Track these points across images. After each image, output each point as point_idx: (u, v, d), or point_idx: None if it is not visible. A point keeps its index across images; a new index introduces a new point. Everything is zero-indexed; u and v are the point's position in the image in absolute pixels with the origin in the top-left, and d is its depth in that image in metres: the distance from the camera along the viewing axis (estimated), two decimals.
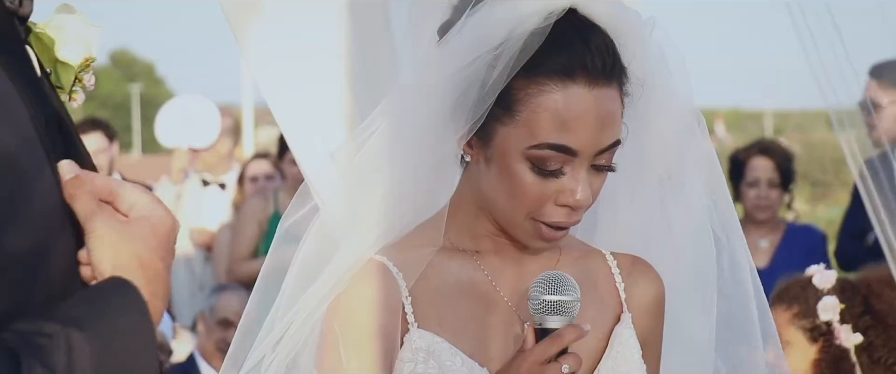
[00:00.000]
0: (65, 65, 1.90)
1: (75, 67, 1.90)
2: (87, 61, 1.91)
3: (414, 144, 2.38)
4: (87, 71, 1.92)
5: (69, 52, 1.89)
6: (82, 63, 1.91)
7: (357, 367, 2.30)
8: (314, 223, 2.49)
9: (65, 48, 1.89)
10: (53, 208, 1.75)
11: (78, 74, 1.91)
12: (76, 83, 1.92)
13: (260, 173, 8.16)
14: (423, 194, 2.41)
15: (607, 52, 2.30)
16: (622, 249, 2.51)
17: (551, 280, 2.28)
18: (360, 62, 2.68)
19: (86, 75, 1.93)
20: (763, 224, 6.90)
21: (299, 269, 2.46)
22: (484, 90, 2.28)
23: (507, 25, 2.28)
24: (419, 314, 2.34)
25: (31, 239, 1.71)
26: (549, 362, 2.26)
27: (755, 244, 6.81)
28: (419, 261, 2.37)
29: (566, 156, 2.28)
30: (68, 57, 1.89)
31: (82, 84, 1.93)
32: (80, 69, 1.91)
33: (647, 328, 2.47)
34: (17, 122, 1.73)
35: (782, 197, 6.97)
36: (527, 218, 2.32)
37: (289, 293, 2.45)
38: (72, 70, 1.90)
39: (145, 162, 37.85)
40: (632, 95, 2.36)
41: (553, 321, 2.28)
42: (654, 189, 2.52)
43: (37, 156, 1.75)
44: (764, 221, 6.90)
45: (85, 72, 1.92)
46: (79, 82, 1.92)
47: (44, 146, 1.76)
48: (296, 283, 2.45)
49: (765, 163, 6.94)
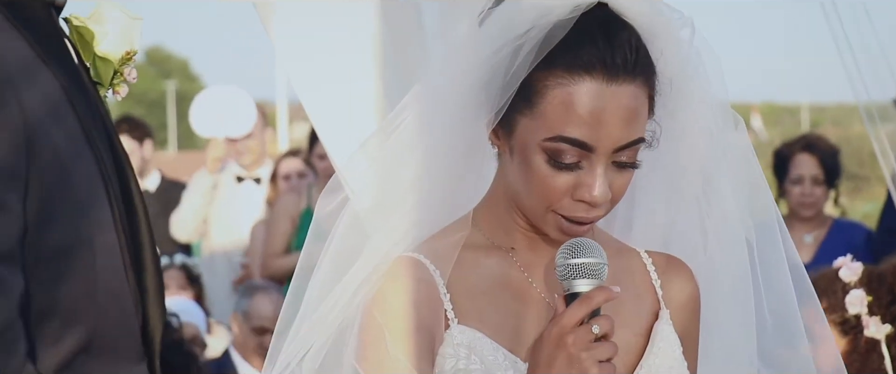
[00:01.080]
0: (104, 60, 1.89)
1: (115, 61, 1.90)
2: (127, 55, 1.91)
3: (443, 130, 2.38)
4: (128, 64, 1.92)
5: (109, 46, 1.89)
6: (123, 57, 1.90)
7: (405, 360, 2.29)
8: (344, 215, 2.48)
9: (105, 42, 1.89)
10: (98, 205, 1.77)
11: (118, 68, 1.91)
12: (117, 77, 1.92)
13: (292, 171, 8.18)
14: (452, 183, 2.41)
15: (630, 48, 2.28)
16: (658, 250, 2.50)
17: (574, 245, 2.27)
18: (392, 57, 2.68)
19: (126, 68, 1.92)
20: (809, 220, 6.89)
21: (330, 262, 2.46)
22: (506, 79, 2.28)
23: (534, 15, 2.27)
24: (458, 310, 2.34)
25: (73, 235, 1.72)
26: (580, 325, 2.24)
27: (800, 240, 6.81)
28: (450, 249, 2.37)
29: (582, 150, 2.27)
30: (108, 51, 1.89)
31: (123, 78, 1.92)
32: (120, 64, 1.91)
33: (684, 326, 2.46)
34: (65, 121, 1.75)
35: (827, 193, 6.93)
36: (548, 211, 2.32)
37: (319, 287, 2.45)
38: (111, 65, 1.90)
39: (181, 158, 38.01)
40: (663, 94, 2.35)
41: (581, 284, 2.26)
42: (691, 191, 2.51)
43: (84, 155, 1.77)
44: (809, 217, 6.87)
45: (126, 65, 1.92)
46: (119, 76, 1.92)
47: (90, 145, 1.77)
48: (326, 276, 2.44)
49: (809, 159, 6.90)
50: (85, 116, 1.78)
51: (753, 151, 2.58)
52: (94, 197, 1.75)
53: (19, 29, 1.73)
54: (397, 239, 2.39)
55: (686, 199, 2.51)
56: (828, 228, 6.91)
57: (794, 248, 2.61)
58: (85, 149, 1.75)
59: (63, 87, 1.76)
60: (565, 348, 2.22)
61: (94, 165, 1.77)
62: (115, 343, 1.80)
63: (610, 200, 2.31)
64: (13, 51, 1.70)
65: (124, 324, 1.81)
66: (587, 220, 2.32)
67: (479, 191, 2.45)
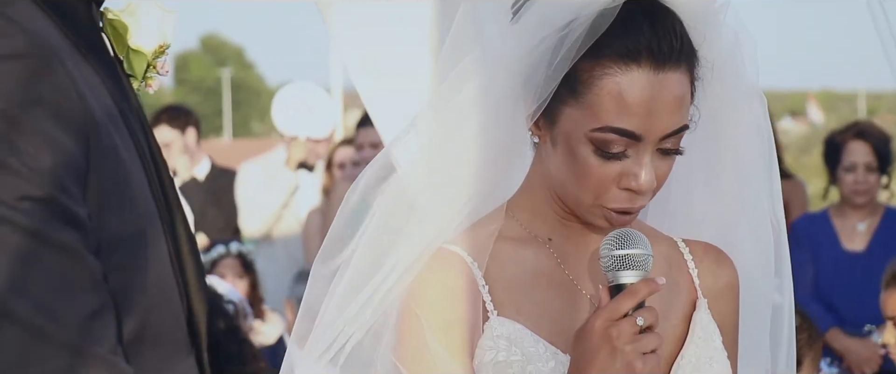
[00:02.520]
0: (137, 53, 1.90)
1: (148, 54, 1.90)
2: (161, 48, 1.91)
3: (486, 120, 2.36)
4: (161, 56, 1.92)
5: (143, 38, 1.89)
6: (156, 50, 1.90)
7: (444, 353, 2.29)
8: (386, 191, 2.42)
9: (138, 35, 1.89)
10: (144, 195, 1.79)
11: (151, 61, 1.92)
12: (150, 70, 1.93)
13: (347, 160, 8.19)
14: (492, 174, 2.40)
15: (675, 35, 2.27)
16: (696, 237, 2.49)
17: (620, 236, 2.26)
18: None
19: (159, 60, 1.93)
20: (861, 208, 6.87)
21: (372, 239, 2.41)
22: (550, 70, 2.27)
23: (575, 6, 2.25)
24: (497, 302, 2.33)
25: (128, 225, 1.75)
26: (624, 317, 2.23)
27: (853, 227, 6.84)
28: (486, 240, 2.35)
29: (630, 140, 2.26)
30: (142, 44, 1.89)
31: (155, 69, 1.93)
32: (154, 57, 1.92)
33: (723, 315, 2.45)
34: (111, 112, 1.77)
35: (880, 180, 6.91)
36: (594, 203, 2.30)
37: (365, 266, 2.40)
38: (144, 58, 1.90)
39: (235, 146, 38.20)
40: (703, 79, 2.34)
41: (626, 276, 2.25)
42: (725, 175, 2.50)
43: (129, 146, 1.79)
44: (862, 205, 6.86)
45: (159, 57, 1.93)
46: (152, 69, 1.92)
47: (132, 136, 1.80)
48: (370, 254, 2.40)
49: (862, 146, 6.88)
50: (124, 108, 1.80)
51: (773, 138, 2.56)
52: (140, 187, 1.77)
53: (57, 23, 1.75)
54: (435, 232, 2.36)
55: (721, 185, 2.50)
56: (881, 215, 6.89)
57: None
58: (129, 140, 1.78)
59: (102, 80, 1.78)
60: (610, 340, 2.21)
61: (137, 156, 1.79)
62: (166, 335, 1.81)
63: (654, 188, 2.31)
64: (68, 54, 1.72)
65: (174, 315, 1.83)
66: (633, 210, 2.31)
67: (516, 182, 2.44)
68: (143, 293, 1.76)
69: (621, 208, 2.30)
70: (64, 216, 1.64)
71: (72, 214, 1.65)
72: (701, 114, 2.35)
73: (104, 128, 1.71)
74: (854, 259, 6.77)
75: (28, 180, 1.62)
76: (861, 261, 6.74)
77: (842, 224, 6.87)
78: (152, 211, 1.79)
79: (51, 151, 1.64)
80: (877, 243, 6.75)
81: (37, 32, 1.69)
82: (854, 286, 6.62)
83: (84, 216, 1.66)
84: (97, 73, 1.77)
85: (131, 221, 1.74)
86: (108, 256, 1.70)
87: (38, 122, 1.64)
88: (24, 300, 1.62)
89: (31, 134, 1.64)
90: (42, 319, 1.62)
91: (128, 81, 1.88)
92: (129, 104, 1.82)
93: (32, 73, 1.66)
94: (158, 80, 1.93)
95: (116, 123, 1.76)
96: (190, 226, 1.90)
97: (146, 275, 1.76)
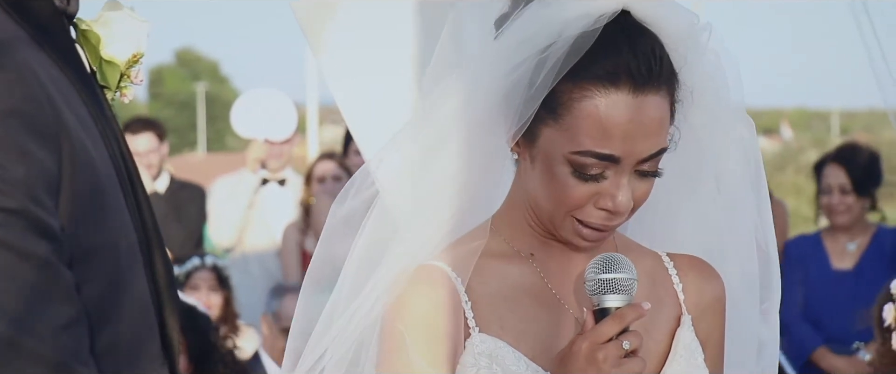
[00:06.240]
0: (110, 64, 1.89)
1: (122, 64, 1.89)
2: (135, 57, 1.89)
3: (468, 137, 2.35)
4: (135, 65, 1.91)
5: (116, 49, 1.88)
6: (129, 60, 1.89)
7: (427, 368, 2.27)
8: (374, 209, 2.43)
9: (112, 45, 1.88)
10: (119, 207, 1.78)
11: (125, 71, 1.90)
12: (123, 80, 1.91)
13: (327, 174, 8.19)
14: (474, 191, 2.39)
15: (655, 58, 2.26)
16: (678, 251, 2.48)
17: (606, 260, 2.26)
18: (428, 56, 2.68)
19: (133, 71, 1.92)
20: (849, 228, 6.99)
21: (360, 257, 2.42)
22: (531, 91, 2.26)
23: (556, 27, 2.25)
24: (479, 319, 2.32)
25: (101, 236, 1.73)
26: (610, 341, 2.23)
27: (843, 247, 6.98)
28: (470, 256, 2.34)
29: (608, 162, 2.25)
30: (115, 54, 1.88)
31: (130, 80, 1.92)
32: (127, 67, 1.90)
33: (708, 329, 2.44)
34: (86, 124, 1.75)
35: (862, 201, 6.98)
36: (566, 216, 2.30)
37: (350, 284, 2.41)
38: (117, 68, 1.89)
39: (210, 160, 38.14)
40: (683, 101, 2.32)
41: (611, 300, 2.25)
42: (708, 196, 2.49)
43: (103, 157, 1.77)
44: (846, 225, 6.96)
45: (133, 66, 1.91)
46: (126, 79, 1.91)
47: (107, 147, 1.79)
48: (357, 272, 2.41)
49: (836, 169, 7.01)
50: (99, 118, 1.79)
51: (761, 159, 2.55)
52: (114, 198, 1.76)
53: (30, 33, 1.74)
54: (418, 247, 2.35)
55: (703, 203, 2.49)
56: (871, 235, 7.01)
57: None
58: (103, 151, 1.76)
59: (78, 91, 1.77)
60: (596, 363, 2.22)
61: (112, 167, 1.78)
62: (141, 347, 1.81)
63: (631, 208, 2.30)
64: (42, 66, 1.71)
65: (148, 327, 1.82)
66: (606, 227, 2.31)
67: (499, 198, 2.42)
68: (117, 305, 1.75)
69: (595, 224, 2.29)
70: (37, 228, 1.63)
71: (45, 225, 1.64)
72: (683, 136, 2.34)
73: (77, 139, 1.69)
74: (843, 277, 6.87)
75: (1, 192, 1.60)
76: (849, 279, 6.83)
77: (833, 245, 7.01)
78: (126, 222, 1.78)
79: (24, 162, 1.62)
80: (866, 261, 6.87)
81: (8, 43, 1.68)
82: (843, 304, 6.68)
83: (57, 228, 1.65)
84: (72, 83, 1.76)
85: (105, 232, 1.73)
86: (81, 267, 1.69)
87: (10, 133, 1.62)
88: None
89: (4, 145, 1.62)
90: (15, 330, 1.60)
91: (101, 92, 1.87)
92: (102, 114, 1.81)
93: (5, 84, 1.64)
94: (133, 89, 1.92)
95: (91, 133, 1.74)
96: (162, 238, 1.89)
97: (120, 286, 1.75)
